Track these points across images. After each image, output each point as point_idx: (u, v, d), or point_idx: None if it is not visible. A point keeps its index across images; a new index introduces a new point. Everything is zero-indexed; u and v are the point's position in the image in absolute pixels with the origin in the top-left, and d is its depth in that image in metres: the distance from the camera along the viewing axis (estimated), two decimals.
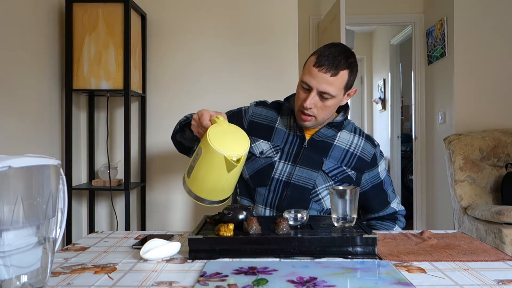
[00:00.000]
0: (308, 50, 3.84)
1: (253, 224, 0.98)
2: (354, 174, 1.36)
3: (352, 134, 1.41)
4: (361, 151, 1.38)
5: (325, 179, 1.33)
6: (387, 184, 1.43)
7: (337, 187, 1.08)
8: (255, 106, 1.46)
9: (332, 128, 1.38)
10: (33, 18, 2.05)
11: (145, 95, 2.47)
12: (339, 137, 1.38)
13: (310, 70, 1.24)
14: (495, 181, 2.78)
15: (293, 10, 2.51)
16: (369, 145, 1.41)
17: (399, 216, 1.45)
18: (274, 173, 1.33)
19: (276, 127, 1.38)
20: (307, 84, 1.25)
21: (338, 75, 1.23)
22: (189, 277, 0.83)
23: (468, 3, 3.16)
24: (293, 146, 1.35)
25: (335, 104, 1.29)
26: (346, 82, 1.26)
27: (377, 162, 1.40)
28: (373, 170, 1.40)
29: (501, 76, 3.16)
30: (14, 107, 1.90)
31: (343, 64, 1.23)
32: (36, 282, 0.71)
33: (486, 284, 0.77)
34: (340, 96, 1.28)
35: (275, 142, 1.36)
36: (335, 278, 0.80)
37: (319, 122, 1.32)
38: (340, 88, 1.26)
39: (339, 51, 1.25)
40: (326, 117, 1.32)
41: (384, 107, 5.06)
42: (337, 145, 1.36)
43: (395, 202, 1.44)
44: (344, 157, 1.36)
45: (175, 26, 2.50)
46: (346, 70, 1.24)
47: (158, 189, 2.52)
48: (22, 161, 0.67)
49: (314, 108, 1.27)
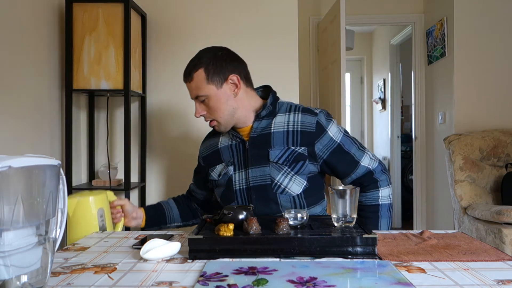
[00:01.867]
0: (308, 50, 3.84)
1: (253, 224, 0.98)
2: (305, 149, 1.33)
3: (287, 114, 1.37)
4: (301, 124, 1.34)
5: (278, 168, 1.32)
6: (347, 145, 1.37)
7: (336, 187, 1.08)
8: (201, 145, 1.55)
9: (265, 118, 1.37)
10: (33, 18, 2.05)
11: (145, 95, 2.47)
12: (274, 123, 1.36)
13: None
14: (495, 181, 2.78)
15: (293, 10, 2.51)
16: (308, 115, 1.35)
17: (378, 174, 1.38)
18: (234, 185, 1.36)
19: (220, 148, 1.42)
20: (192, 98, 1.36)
21: (193, 79, 1.32)
22: (189, 277, 0.83)
23: (468, 3, 3.16)
24: (239, 153, 1.37)
25: (218, 102, 1.32)
26: (204, 79, 1.31)
27: (324, 128, 1.34)
28: (323, 137, 1.34)
29: (501, 76, 3.16)
30: (14, 107, 1.90)
31: (193, 67, 1.32)
32: (36, 282, 0.71)
33: (486, 284, 0.77)
34: (215, 92, 1.31)
35: (226, 159, 1.40)
36: (335, 278, 0.80)
37: (225, 121, 1.35)
38: (203, 86, 1.31)
39: (195, 56, 1.35)
40: (225, 115, 1.34)
41: (384, 107, 5.06)
42: (274, 131, 1.35)
43: (365, 159, 1.37)
44: (287, 138, 1.33)
45: (175, 26, 2.50)
46: (199, 69, 1.31)
47: (158, 189, 2.52)
48: (22, 161, 0.67)
49: (206, 113, 1.35)
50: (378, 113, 5.36)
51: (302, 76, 3.17)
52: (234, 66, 1.34)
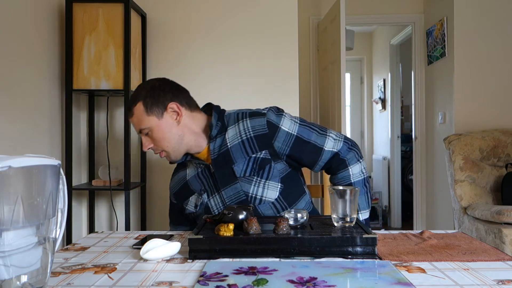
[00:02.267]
0: (308, 50, 3.84)
1: (253, 224, 0.98)
2: (266, 152, 1.30)
3: (236, 125, 1.33)
4: (253, 130, 1.31)
5: (248, 180, 1.30)
6: (306, 134, 1.33)
7: (336, 187, 1.08)
8: (170, 183, 1.50)
9: (218, 137, 1.34)
10: (33, 18, 2.05)
11: None
12: (228, 138, 1.33)
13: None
14: (495, 181, 2.78)
15: (293, 10, 2.51)
16: (256, 119, 1.32)
17: (344, 154, 1.34)
18: (213, 212, 1.35)
19: (188, 180, 1.40)
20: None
21: (134, 113, 1.31)
22: (189, 277, 0.83)
23: (468, 3, 3.16)
24: (207, 179, 1.35)
25: (162, 131, 1.31)
26: (144, 110, 1.30)
27: (276, 125, 1.31)
28: (278, 135, 1.31)
29: (501, 76, 3.16)
30: (14, 107, 1.90)
31: (132, 102, 1.32)
32: (36, 282, 0.71)
33: (486, 284, 0.77)
34: (157, 123, 1.30)
35: (196, 189, 1.37)
36: (335, 278, 0.80)
37: (173, 152, 1.34)
38: (143, 119, 1.30)
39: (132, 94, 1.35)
40: (172, 144, 1.32)
41: (384, 107, 5.06)
42: (231, 146, 1.32)
43: (328, 143, 1.33)
44: (244, 148, 1.31)
45: (175, 26, 2.50)
46: (138, 103, 1.31)
47: (158, 189, 2.52)
48: (22, 161, 0.67)
49: (153, 145, 1.33)
50: (378, 113, 5.36)
51: (302, 76, 3.18)
52: (173, 94, 1.33)
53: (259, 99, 2.48)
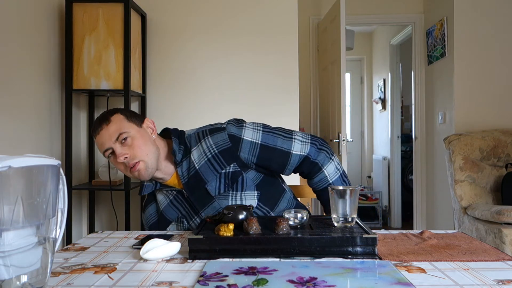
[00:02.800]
0: (308, 50, 3.84)
1: (253, 224, 0.98)
2: (234, 165, 1.29)
3: (199, 146, 1.32)
4: (216, 146, 1.30)
5: (224, 197, 1.29)
6: (271, 140, 1.30)
7: (336, 187, 1.08)
8: (142, 218, 1.46)
9: (183, 161, 1.32)
10: (33, 18, 2.05)
11: (145, 95, 2.47)
12: (194, 159, 1.31)
13: (98, 141, 1.27)
14: (495, 181, 2.78)
15: (293, 10, 2.51)
16: (217, 134, 1.30)
17: (315, 157, 1.32)
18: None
19: (162, 209, 1.37)
20: (106, 150, 1.26)
21: (111, 121, 1.26)
22: (189, 277, 0.83)
23: (468, 3, 3.16)
24: (183, 204, 1.34)
25: (142, 138, 1.27)
26: (125, 118, 1.27)
27: (238, 137, 1.29)
28: (242, 146, 1.29)
29: (501, 76, 3.16)
30: (14, 107, 1.90)
31: (109, 113, 1.28)
32: (36, 282, 0.71)
33: (486, 284, 0.77)
34: (136, 130, 1.27)
35: (173, 216, 1.36)
36: (335, 278, 0.80)
37: (152, 163, 1.27)
38: (125, 124, 1.26)
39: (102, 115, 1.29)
40: (151, 155, 1.27)
41: (384, 107, 5.06)
42: (199, 167, 1.30)
43: (295, 146, 1.31)
44: (213, 166, 1.29)
45: (175, 26, 2.50)
46: (115, 114, 1.28)
47: None
48: (22, 161, 0.67)
49: (129, 153, 1.24)
50: (378, 113, 5.36)
51: (302, 76, 3.18)
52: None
53: (259, 99, 2.49)
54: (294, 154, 1.30)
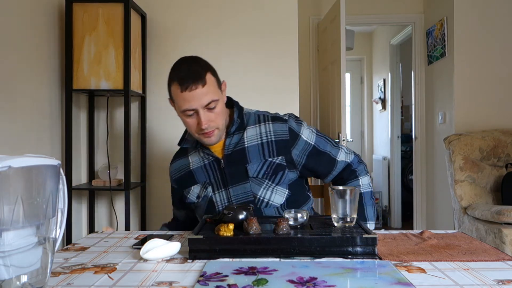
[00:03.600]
0: (308, 50, 3.84)
1: (253, 224, 0.98)
2: (282, 158, 1.31)
3: (257, 126, 1.33)
4: (275, 134, 1.32)
5: (259, 182, 1.29)
6: (322, 144, 1.36)
7: (336, 187, 1.08)
8: (170, 167, 1.46)
9: (236, 133, 1.32)
10: (33, 18, 2.05)
11: (145, 95, 2.47)
12: (246, 137, 1.32)
13: (183, 97, 1.21)
14: (495, 181, 2.78)
15: (293, 10, 2.51)
16: (279, 123, 1.33)
17: (355, 166, 1.38)
18: (216, 206, 1.33)
19: (192, 169, 1.37)
20: (190, 109, 1.22)
21: (207, 82, 1.22)
22: (189, 277, 0.83)
23: (468, 3, 3.16)
24: (215, 173, 1.33)
25: (223, 106, 1.28)
26: (215, 81, 1.26)
27: (297, 133, 1.33)
28: (297, 143, 1.32)
29: (501, 76, 3.16)
30: (14, 107, 1.90)
31: (202, 70, 1.23)
32: (36, 282, 0.71)
33: (486, 284, 0.77)
34: (221, 97, 1.28)
35: (201, 180, 1.35)
36: (335, 278, 0.80)
37: (221, 130, 1.29)
38: (215, 90, 1.25)
39: (189, 63, 1.27)
40: (224, 121, 1.30)
41: (384, 107, 5.06)
42: (248, 145, 1.31)
43: (341, 154, 1.37)
44: (262, 150, 1.31)
45: (175, 26, 2.50)
46: (207, 72, 1.24)
47: (158, 189, 2.52)
48: (22, 161, 0.67)
49: (211, 122, 1.24)
50: (378, 113, 5.36)
51: (302, 76, 3.17)
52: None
53: (259, 99, 2.48)
54: (339, 161, 1.37)
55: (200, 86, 1.20)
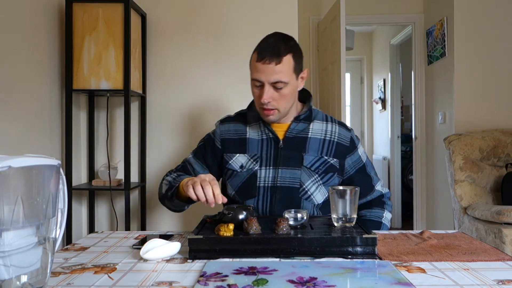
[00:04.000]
0: (308, 50, 3.84)
1: (253, 224, 0.98)
2: (337, 161, 1.35)
3: (324, 123, 1.39)
4: (338, 136, 1.37)
5: (309, 174, 1.32)
6: (369, 167, 1.43)
7: (337, 187, 1.08)
8: (221, 124, 1.44)
9: (302, 121, 1.36)
10: (33, 18, 2.05)
11: (145, 95, 2.47)
12: (312, 128, 1.36)
13: (256, 66, 1.25)
14: (495, 181, 2.78)
15: (293, 10, 2.51)
16: (344, 129, 1.40)
17: (386, 199, 1.45)
18: (258, 182, 1.32)
19: (248, 138, 1.37)
20: (257, 80, 1.26)
21: (282, 62, 1.23)
22: (189, 277, 0.83)
23: (468, 3, 3.16)
24: (269, 149, 1.34)
25: (291, 92, 1.28)
26: (293, 66, 1.26)
27: (356, 145, 1.40)
28: (354, 153, 1.39)
29: (501, 76, 3.16)
30: (14, 107, 1.90)
31: (284, 50, 1.24)
32: (36, 282, 0.71)
33: (486, 284, 0.77)
34: (293, 82, 1.28)
35: (251, 152, 1.35)
36: (335, 278, 0.80)
37: (283, 113, 1.30)
38: (289, 73, 1.25)
39: (276, 39, 1.27)
40: (288, 106, 1.30)
41: (384, 107, 5.06)
42: (312, 137, 1.35)
43: (379, 185, 1.44)
44: (322, 147, 1.34)
45: (175, 26, 2.50)
46: (289, 54, 1.25)
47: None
48: (22, 161, 0.67)
49: (273, 101, 1.26)
50: (378, 113, 5.36)
51: None
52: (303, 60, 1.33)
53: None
54: (376, 190, 1.43)
55: (274, 62, 1.22)
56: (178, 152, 2.51)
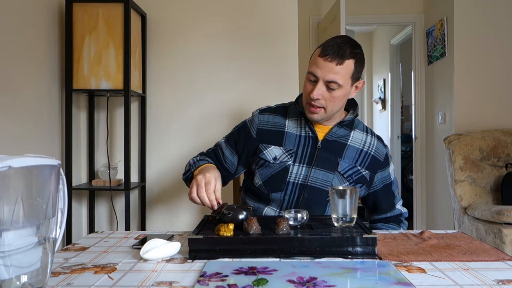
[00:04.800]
0: (308, 50, 3.84)
1: (253, 224, 0.98)
2: (368, 174, 1.36)
3: (364, 134, 1.40)
4: (375, 150, 1.39)
5: (341, 180, 1.33)
6: (395, 185, 1.45)
7: (336, 187, 1.08)
8: (260, 114, 1.42)
9: (344, 127, 1.36)
10: (33, 18, 2.05)
11: (145, 95, 2.47)
12: (352, 136, 1.37)
13: (316, 61, 1.25)
14: (495, 181, 2.78)
15: (293, 10, 2.51)
16: (381, 144, 1.42)
17: (403, 218, 1.47)
18: (289, 177, 1.32)
19: (286, 131, 1.36)
20: (313, 74, 1.26)
21: (343, 64, 1.22)
22: (189, 277, 0.83)
23: (468, 3, 3.16)
24: (306, 147, 1.33)
25: (342, 95, 1.27)
26: (352, 72, 1.25)
27: (389, 162, 1.42)
28: (385, 169, 1.41)
29: (501, 76, 3.16)
30: (14, 107, 1.90)
31: (349, 54, 1.23)
32: (36, 282, 0.71)
33: (486, 284, 0.77)
34: (347, 87, 1.27)
35: (287, 146, 1.34)
36: (335, 278, 0.80)
37: (328, 114, 1.30)
38: (346, 77, 1.25)
39: (344, 41, 1.26)
40: (335, 109, 1.30)
41: (384, 107, 5.06)
42: (351, 144, 1.36)
43: (399, 204, 1.47)
44: (358, 156, 1.35)
45: (175, 26, 2.50)
46: (351, 59, 1.24)
47: (158, 189, 2.52)
48: (22, 161, 0.67)
49: (322, 99, 1.26)
50: (378, 113, 5.36)
51: (302, 76, 3.17)
52: (363, 71, 1.34)
53: (259, 99, 2.48)
54: (397, 209, 1.45)
55: (335, 62, 1.22)
56: (178, 152, 2.51)
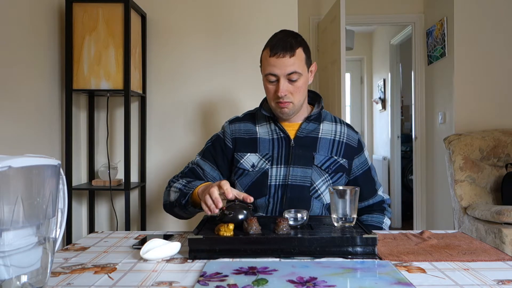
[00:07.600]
0: None
1: (253, 224, 0.98)
2: (346, 161, 1.38)
3: (333, 124, 1.43)
4: (347, 137, 1.41)
5: (320, 173, 1.34)
6: (373, 171, 1.47)
7: (337, 187, 1.08)
8: (230, 124, 1.44)
9: (312, 122, 1.40)
10: (33, 18, 2.05)
11: (145, 95, 2.47)
12: (322, 129, 1.40)
13: (270, 62, 1.28)
14: (495, 181, 2.78)
15: (293, 10, 2.51)
16: (352, 131, 1.44)
17: (386, 205, 1.48)
18: (270, 180, 1.33)
19: (259, 137, 1.39)
20: (272, 74, 1.29)
21: (295, 54, 1.27)
22: (189, 277, 0.83)
23: (468, 3, 3.16)
24: (281, 149, 1.36)
25: (304, 83, 1.32)
26: (304, 58, 1.31)
27: (362, 147, 1.44)
28: (361, 155, 1.43)
29: (501, 76, 3.16)
30: (14, 107, 1.90)
31: (295, 43, 1.28)
32: (36, 282, 0.71)
33: (486, 284, 0.77)
34: (306, 74, 1.32)
35: (263, 151, 1.36)
36: (335, 278, 0.80)
37: (296, 107, 1.33)
38: (302, 65, 1.29)
39: (286, 35, 1.31)
40: (302, 99, 1.34)
41: (384, 107, 5.06)
42: (322, 137, 1.38)
43: (380, 190, 1.48)
44: (332, 147, 1.38)
45: (175, 26, 2.50)
46: (300, 47, 1.29)
47: (158, 189, 2.52)
48: (22, 161, 0.67)
49: (289, 94, 1.30)
50: (378, 113, 5.36)
51: None
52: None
53: (259, 99, 2.48)
54: (378, 195, 1.47)
55: (288, 55, 1.26)
56: (178, 152, 2.51)
